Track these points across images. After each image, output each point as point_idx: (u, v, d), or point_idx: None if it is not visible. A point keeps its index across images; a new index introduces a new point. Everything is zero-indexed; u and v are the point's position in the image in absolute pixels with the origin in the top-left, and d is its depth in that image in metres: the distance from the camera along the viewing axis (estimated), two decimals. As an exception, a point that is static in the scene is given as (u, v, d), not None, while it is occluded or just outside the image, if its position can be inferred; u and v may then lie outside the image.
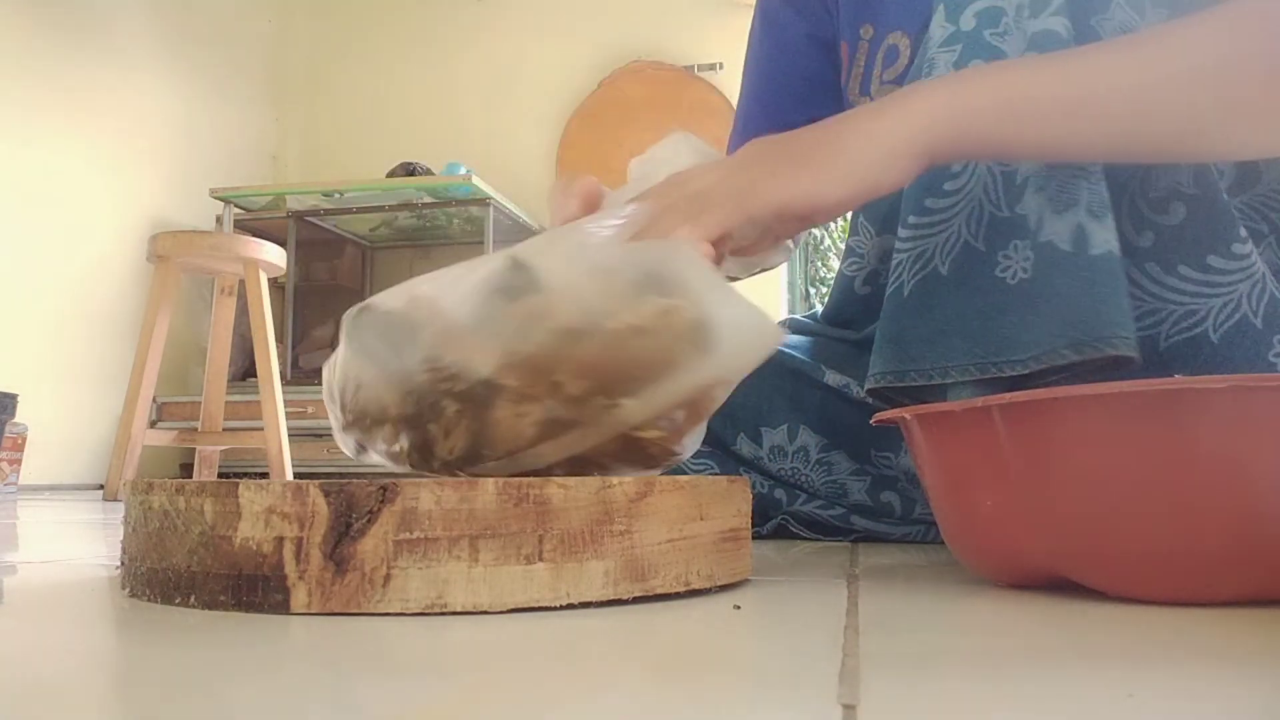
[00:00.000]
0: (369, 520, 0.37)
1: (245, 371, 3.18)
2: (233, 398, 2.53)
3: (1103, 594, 0.42)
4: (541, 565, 0.38)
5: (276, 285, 3.23)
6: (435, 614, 0.37)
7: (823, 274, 3.73)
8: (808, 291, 3.63)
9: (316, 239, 3.49)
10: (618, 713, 0.23)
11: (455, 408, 0.44)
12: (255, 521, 0.38)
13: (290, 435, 2.29)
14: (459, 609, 0.37)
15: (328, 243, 3.55)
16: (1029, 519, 0.42)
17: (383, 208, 3.21)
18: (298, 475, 2.52)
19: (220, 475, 2.52)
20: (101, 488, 2.48)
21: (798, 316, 0.98)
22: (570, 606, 0.39)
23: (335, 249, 3.59)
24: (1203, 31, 0.50)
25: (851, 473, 0.82)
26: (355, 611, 0.37)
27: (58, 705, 0.25)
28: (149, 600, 0.41)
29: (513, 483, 0.38)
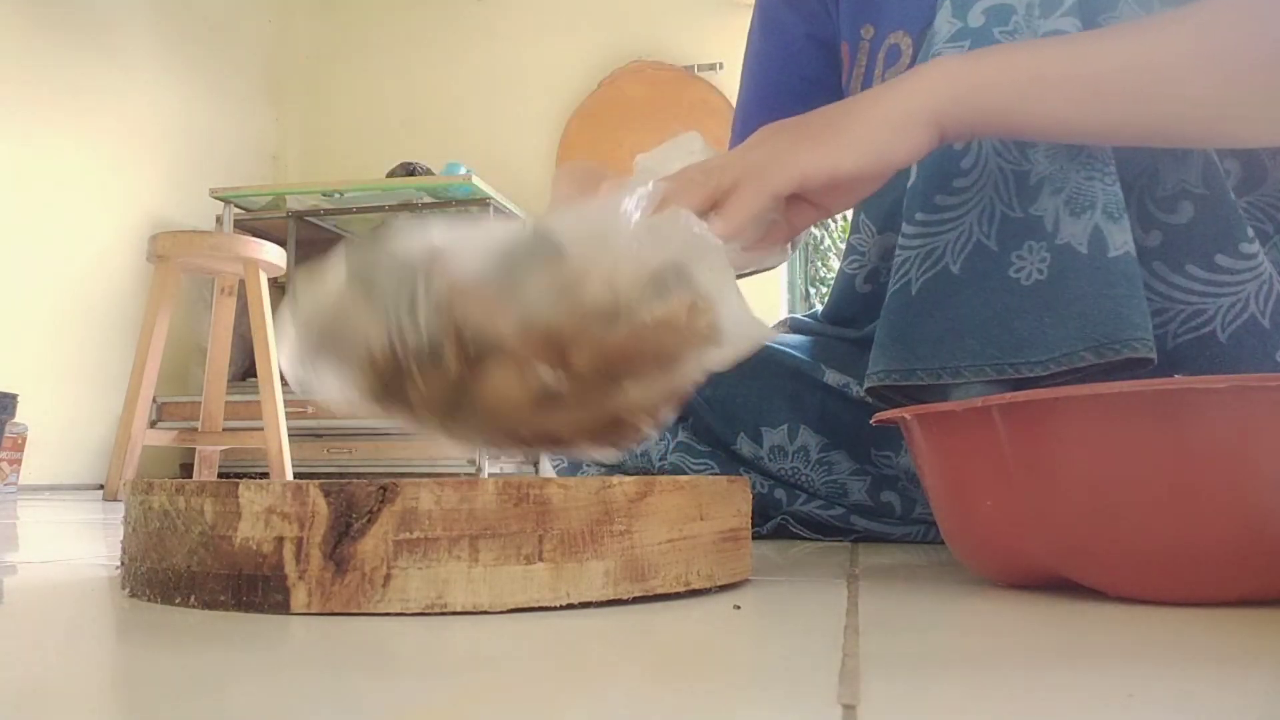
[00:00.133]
0: (369, 520, 0.37)
1: (245, 371, 3.17)
2: (233, 398, 2.53)
3: (1103, 594, 0.42)
4: (541, 565, 0.38)
5: (276, 285, 3.23)
6: (435, 614, 0.37)
7: (823, 274, 3.73)
8: (808, 291, 3.63)
9: (316, 239, 3.48)
10: (617, 713, 0.23)
11: (454, 360, 0.43)
12: (255, 521, 0.38)
13: (290, 435, 2.29)
14: (459, 609, 0.37)
15: (328, 243, 3.53)
16: (1029, 519, 0.42)
17: (383, 208, 3.21)
18: (298, 475, 2.52)
19: (220, 475, 2.52)
20: (101, 488, 2.48)
21: (798, 316, 0.97)
22: (570, 606, 0.39)
23: (335, 249, 3.59)
24: (1213, 13, 0.50)
25: (851, 472, 0.82)
26: (355, 611, 0.37)
27: (58, 705, 0.25)
28: (149, 600, 0.41)
29: (513, 482, 0.38)
